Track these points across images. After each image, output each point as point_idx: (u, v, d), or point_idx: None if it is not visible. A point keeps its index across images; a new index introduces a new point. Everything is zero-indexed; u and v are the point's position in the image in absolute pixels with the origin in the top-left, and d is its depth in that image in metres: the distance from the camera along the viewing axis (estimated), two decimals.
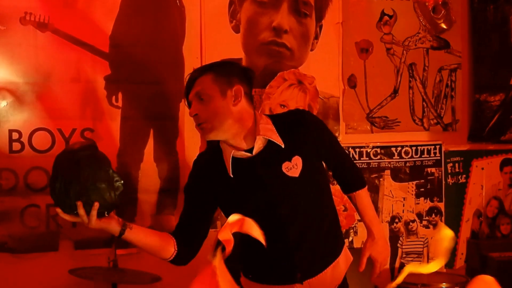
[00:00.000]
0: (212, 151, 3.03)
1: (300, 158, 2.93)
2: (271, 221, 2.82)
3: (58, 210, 2.70)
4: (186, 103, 2.98)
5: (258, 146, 2.92)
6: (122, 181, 2.76)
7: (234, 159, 2.92)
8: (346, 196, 3.30)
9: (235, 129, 2.89)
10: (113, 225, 2.78)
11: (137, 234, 2.86)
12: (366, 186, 3.27)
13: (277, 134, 2.92)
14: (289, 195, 2.95)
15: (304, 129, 2.97)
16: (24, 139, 4.47)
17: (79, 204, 2.64)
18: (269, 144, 2.92)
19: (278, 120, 3.00)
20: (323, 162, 3.12)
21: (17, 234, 4.48)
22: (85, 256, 4.54)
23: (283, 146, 2.91)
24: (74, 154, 2.73)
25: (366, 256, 3.18)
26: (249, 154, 2.92)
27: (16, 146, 4.45)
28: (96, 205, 2.65)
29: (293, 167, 2.93)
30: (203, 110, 2.84)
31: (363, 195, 3.23)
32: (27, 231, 4.50)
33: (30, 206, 4.50)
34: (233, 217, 1.71)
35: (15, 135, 4.45)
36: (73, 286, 4.48)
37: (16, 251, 4.48)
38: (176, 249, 2.96)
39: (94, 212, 2.66)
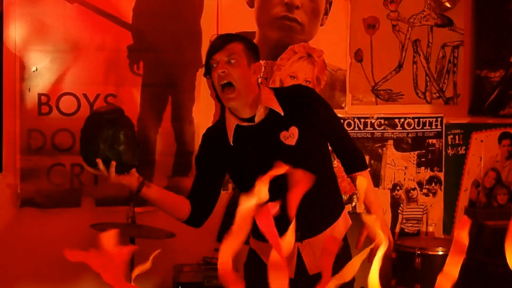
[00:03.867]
0: (218, 125, 3.27)
1: (296, 128, 3.12)
2: (271, 186, 2.99)
3: (84, 163, 3.02)
4: (204, 61, 3.16)
5: (260, 114, 3.12)
6: (141, 145, 3.05)
7: (237, 127, 3.14)
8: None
9: (247, 98, 3.09)
10: (132, 181, 3.02)
11: (154, 192, 3.11)
12: (368, 169, 3.39)
13: (278, 103, 3.11)
14: (286, 162, 3.16)
15: (303, 103, 3.17)
16: (52, 102, 4.72)
17: (98, 161, 2.91)
18: (270, 114, 3.12)
19: (281, 92, 3.22)
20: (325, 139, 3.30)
21: (43, 191, 4.74)
22: (106, 213, 4.76)
23: (282, 114, 3.10)
24: (98, 117, 3.00)
25: (364, 235, 3.26)
26: (251, 124, 3.13)
27: (45, 109, 4.71)
28: (113, 163, 2.92)
29: (290, 136, 3.12)
30: (231, 70, 3.03)
31: (363, 177, 3.32)
32: (53, 188, 4.75)
33: (56, 165, 4.76)
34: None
35: (44, 99, 4.70)
36: (94, 239, 4.75)
37: (42, 206, 4.74)
38: (190, 210, 3.18)
39: (112, 169, 2.92)
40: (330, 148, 3.38)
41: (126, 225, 4.47)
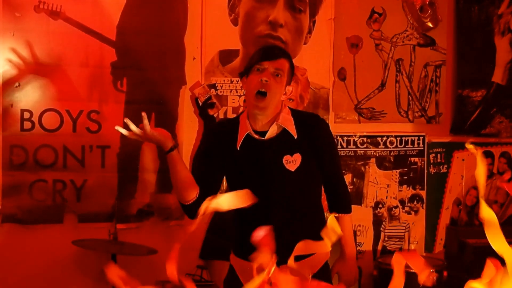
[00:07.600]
0: (229, 124, 3.30)
1: (300, 156, 3.18)
2: (260, 203, 3.01)
3: (117, 127, 3.08)
4: (253, 62, 3.18)
5: (272, 132, 3.17)
6: None
7: (247, 136, 3.18)
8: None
9: (272, 113, 3.16)
10: (167, 139, 3.05)
11: (179, 160, 3.12)
12: (351, 213, 3.46)
13: (294, 126, 3.18)
14: (280, 184, 3.19)
15: (315, 135, 3.23)
16: (35, 118, 4.70)
17: (127, 120, 2.99)
18: (281, 134, 3.18)
19: (297, 115, 3.26)
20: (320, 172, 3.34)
21: (25, 207, 4.71)
22: (88, 229, 4.74)
23: (295, 137, 3.16)
24: None
25: (334, 272, 3.45)
26: (262, 138, 3.18)
27: (27, 124, 4.69)
28: (144, 114, 2.96)
29: (292, 162, 3.18)
30: (273, 83, 3.09)
31: (345, 219, 3.41)
32: (35, 204, 4.73)
33: (38, 181, 4.74)
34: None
35: (26, 115, 4.69)
36: (76, 256, 4.74)
37: (24, 222, 4.72)
38: (197, 196, 3.15)
39: (145, 121, 2.96)
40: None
41: (108, 241, 4.49)
